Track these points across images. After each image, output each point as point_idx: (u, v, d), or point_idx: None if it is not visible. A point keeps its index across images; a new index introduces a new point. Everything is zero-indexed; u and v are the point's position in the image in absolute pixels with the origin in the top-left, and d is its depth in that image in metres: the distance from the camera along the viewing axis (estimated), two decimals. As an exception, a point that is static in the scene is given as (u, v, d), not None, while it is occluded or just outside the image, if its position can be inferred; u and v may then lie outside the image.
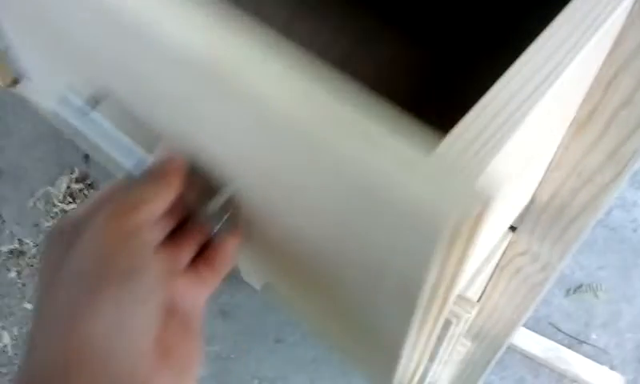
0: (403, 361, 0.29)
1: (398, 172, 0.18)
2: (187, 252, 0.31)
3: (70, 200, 1.16)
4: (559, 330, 1.04)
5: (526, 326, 1.03)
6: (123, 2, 0.24)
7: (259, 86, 0.21)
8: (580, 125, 0.37)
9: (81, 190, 1.18)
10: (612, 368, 0.99)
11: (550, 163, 0.41)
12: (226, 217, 0.30)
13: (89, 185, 1.19)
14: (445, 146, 0.20)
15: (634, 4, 0.30)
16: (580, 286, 1.08)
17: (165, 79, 0.27)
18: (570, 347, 1.01)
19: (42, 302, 0.29)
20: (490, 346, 0.63)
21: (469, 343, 0.65)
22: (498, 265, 0.53)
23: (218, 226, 0.30)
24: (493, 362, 0.66)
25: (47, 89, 0.48)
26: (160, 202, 0.28)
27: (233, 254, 0.32)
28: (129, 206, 0.28)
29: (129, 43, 0.26)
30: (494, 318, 0.59)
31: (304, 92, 0.20)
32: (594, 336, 1.03)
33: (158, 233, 0.29)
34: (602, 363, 1.00)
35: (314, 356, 0.99)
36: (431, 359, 0.51)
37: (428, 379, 0.56)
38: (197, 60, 0.22)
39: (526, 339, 1.01)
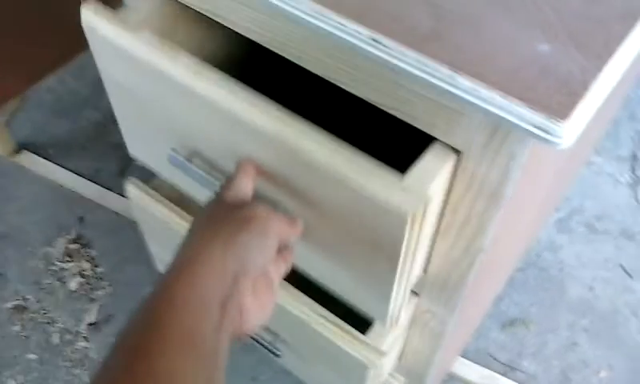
0: (393, 295, 0.50)
1: (388, 187, 0.43)
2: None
3: (68, 259, 1.31)
4: (495, 359, 1.21)
5: (466, 356, 1.20)
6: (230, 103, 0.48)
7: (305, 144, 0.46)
8: (442, 233, 0.54)
9: (77, 250, 1.33)
10: (539, 391, 1.16)
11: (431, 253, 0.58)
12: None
13: (84, 244, 1.34)
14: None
15: (454, 166, 0.48)
16: (514, 321, 1.26)
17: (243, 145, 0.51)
18: (504, 374, 1.18)
19: (200, 228, 0.46)
20: (417, 380, 0.80)
21: (402, 378, 0.82)
22: (411, 319, 0.69)
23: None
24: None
25: (149, 154, 0.70)
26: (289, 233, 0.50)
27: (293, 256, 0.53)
28: (281, 217, 0.48)
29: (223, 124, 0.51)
30: (416, 358, 0.75)
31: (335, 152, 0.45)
32: (525, 363, 1.20)
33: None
34: (531, 387, 1.17)
35: (285, 391, 1.15)
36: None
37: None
38: (271, 135, 0.47)
39: (465, 368, 1.17)
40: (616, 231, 1.38)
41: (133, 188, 0.71)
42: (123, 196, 1.41)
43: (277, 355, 0.70)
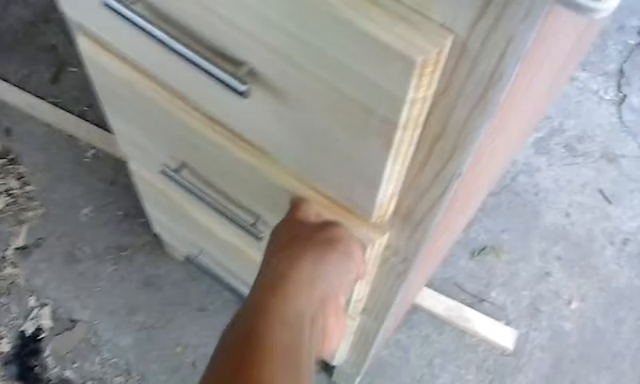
0: (386, 174, 0.43)
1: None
2: None
3: (-7, 176, 1.17)
4: (463, 290, 1.13)
5: (432, 286, 1.11)
6: None
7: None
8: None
9: (4, 166, 1.18)
10: (508, 323, 1.09)
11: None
12: None
13: (11, 160, 1.19)
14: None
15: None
16: (484, 248, 1.17)
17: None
18: (471, 305, 1.10)
19: (284, 247, 0.46)
20: (375, 319, 0.70)
21: (358, 318, 0.72)
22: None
23: None
24: (381, 331, 0.73)
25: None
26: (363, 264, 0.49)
27: None
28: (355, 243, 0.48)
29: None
30: (374, 297, 0.66)
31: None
32: (493, 294, 1.13)
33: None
34: (499, 319, 1.10)
35: (236, 322, 1.05)
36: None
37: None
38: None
39: (431, 299, 1.09)
40: (597, 153, 1.28)
41: (86, 41, 0.57)
42: (57, 105, 1.25)
43: (259, 238, 0.60)
